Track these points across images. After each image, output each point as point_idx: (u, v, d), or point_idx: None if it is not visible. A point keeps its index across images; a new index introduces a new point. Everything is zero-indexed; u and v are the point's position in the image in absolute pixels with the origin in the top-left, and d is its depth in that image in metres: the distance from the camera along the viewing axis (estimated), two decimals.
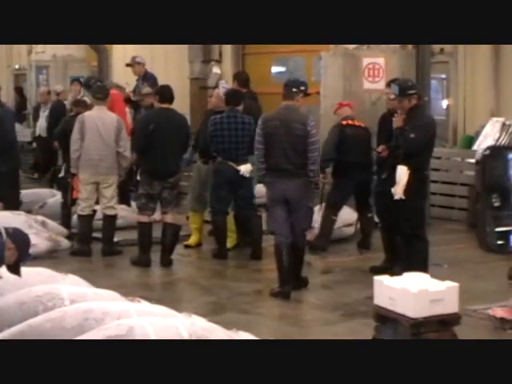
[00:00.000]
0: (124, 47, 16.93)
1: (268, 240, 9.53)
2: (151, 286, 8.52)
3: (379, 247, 8.89)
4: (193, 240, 9.95)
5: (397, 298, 5.33)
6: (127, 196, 10.90)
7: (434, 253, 8.34)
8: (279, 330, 6.87)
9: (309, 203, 8.01)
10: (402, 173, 7.79)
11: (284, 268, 7.88)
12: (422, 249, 7.99)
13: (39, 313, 5.14)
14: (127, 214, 10.31)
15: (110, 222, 9.64)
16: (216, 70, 16.21)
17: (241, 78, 10.44)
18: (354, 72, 10.93)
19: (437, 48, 12.89)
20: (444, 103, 13.93)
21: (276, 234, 7.94)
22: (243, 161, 9.31)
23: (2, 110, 10.89)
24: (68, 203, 10.14)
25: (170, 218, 9.22)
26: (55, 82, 18.64)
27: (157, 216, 9.45)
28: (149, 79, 11.65)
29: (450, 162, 11.82)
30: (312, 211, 8.17)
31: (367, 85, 11.01)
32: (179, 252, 9.57)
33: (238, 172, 9.23)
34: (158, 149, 8.96)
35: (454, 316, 5.36)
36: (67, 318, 4.93)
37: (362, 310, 7.07)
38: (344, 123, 9.58)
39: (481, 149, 7.85)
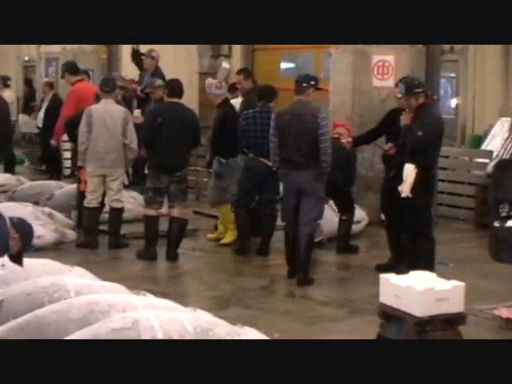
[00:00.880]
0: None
1: (276, 236, 9.57)
2: (157, 280, 8.53)
3: (385, 245, 8.88)
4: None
5: (402, 296, 5.32)
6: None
7: (441, 251, 8.34)
8: (284, 326, 6.86)
9: (319, 194, 8.20)
10: (409, 171, 7.79)
11: (288, 251, 8.40)
12: (429, 247, 7.98)
13: (45, 304, 5.15)
14: (134, 207, 10.31)
15: (117, 215, 9.64)
16: (225, 65, 16.18)
17: (251, 74, 10.49)
18: (364, 69, 10.91)
19: (447, 46, 12.87)
20: (453, 102, 13.91)
21: (285, 223, 8.38)
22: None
23: None
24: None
25: (177, 212, 9.23)
26: None
27: (164, 210, 9.46)
28: (157, 76, 11.65)
29: (458, 161, 11.80)
30: (322, 202, 8.33)
31: (376, 82, 11.00)
32: (185, 246, 9.57)
33: (269, 167, 9.14)
34: (166, 143, 8.95)
35: (460, 315, 5.36)
36: (72, 310, 4.93)
37: (368, 308, 7.06)
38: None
39: (492, 163, 7.92)
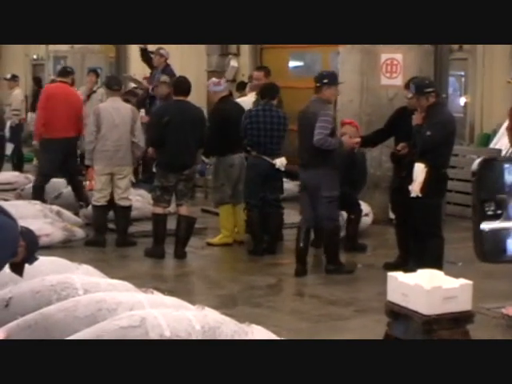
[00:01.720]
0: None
1: (283, 234, 9.59)
2: (164, 278, 8.54)
3: (393, 244, 8.87)
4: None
5: (410, 295, 5.31)
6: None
7: (449, 250, 8.33)
8: (291, 325, 6.87)
9: (326, 193, 8.26)
10: (419, 170, 7.79)
11: (298, 248, 8.52)
12: (437, 246, 7.98)
13: (53, 302, 5.15)
14: (142, 206, 10.32)
15: (125, 213, 9.66)
16: (234, 64, 16.19)
17: (267, 70, 10.53)
18: (372, 67, 10.91)
19: (455, 45, 12.84)
20: (462, 100, 13.89)
21: (301, 216, 8.63)
22: (278, 154, 9.31)
23: None
24: None
25: (185, 211, 9.24)
26: None
27: (172, 208, 9.47)
28: (167, 73, 11.67)
29: (467, 160, 11.76)
30: (332, 201, 8.35)
31: (384, 80, 10.98)
32: (193, 244, 9.58)
33: (273, 166, 9.20)
34: (174, 141, 8.95)
35: (467, 314, 5.34)
36: (80, 308, 4.94)
37: (375, 306, 7.05)
38: None
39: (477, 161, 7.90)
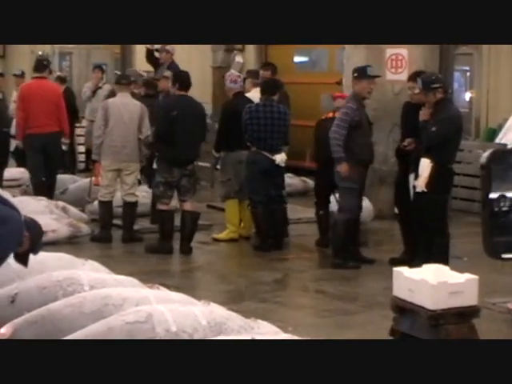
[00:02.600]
0: None
1: (289, 230, 9.59)
2: (170, 273, 8.55)
3: (399, 239, 8.87)
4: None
5: (416, 290, 5.31)
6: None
7: (455, 245, 8.32)
8: (298, 320, 6.87)
9: (344, 183, 8.48)
10: (425, 165, 7.80)
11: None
12: (443, 242, 7.98)
13: (59, 298, 5.17)
14: (148, 202, 10.32)
15: (131, 209, 9.66)
16: (239, 59, 16.18)
17: (273, 68, 10.50)
18: (377, 62, 10.86)
19: None
20: (467, 95, 13.87)
21: None
22: (278, 150, 9.29)
23: None
24: None
25: (189, 206, 9.25)
26: (78, 69, 18.76)
27: (175, 204, 9.48)
28: (173, 69, 11.64)
29: (472, 155, 11.74)
30: (351, 192, 8.48)
31: (390, 76, 10.97)
32: (199, 240, 9.59)
33: (273, 162, 9.21)
34: (180, 136, 8.95)
35: (473, 309, 5.34)
36: (86, 304, 4.95)
37: (381, 301, 7.05)
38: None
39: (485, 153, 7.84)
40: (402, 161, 8.60)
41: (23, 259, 4.53)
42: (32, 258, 5.40)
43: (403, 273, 5.47)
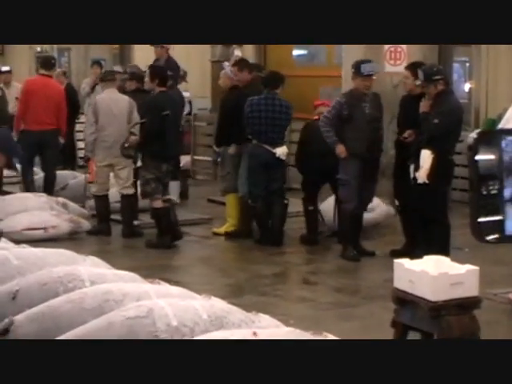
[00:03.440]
0: None
1: (289, 223, 9.58)
2: (171, 268, 8.54)
3: (399, 231, 8.87)
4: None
5: (416, 281, 5.30)
6: None
7: (455, 236, 8.31)
8: (299, 313, 6.87)
9: (339, 175, 8.65)
10: (426, 157, 7.81)
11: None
12: (444, 233, 7.99)
13: (59, 294, 5.15)
14: None
15: (129, 203, 9.63)
16: (238, 53, 16.13)
17: (248, 65, 10.22)
18: (376, 55, 10.87)
19: None
20: (466, 86, 13.84)
21: None
22: (279, 144, 9.29)
23: None
24: None
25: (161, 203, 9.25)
26: (77, 65, 18.73)
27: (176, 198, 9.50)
28: (171, 64, 11.61)
29: None
30: (344, 184, 8.57)
31: (388, 68, 10.97)
32: (199, 234, 9.62)
33: (273, 155, 9.18)
34: (170, 132, 9.04)
35: (474, 299, 5.33)
36: (87, 299, 4.95)
37: (382, 293, 7.06)
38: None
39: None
40: (401, 152, 8.58)
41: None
42: (32, 254, 5.43)
43: (404, 264, 5.46)
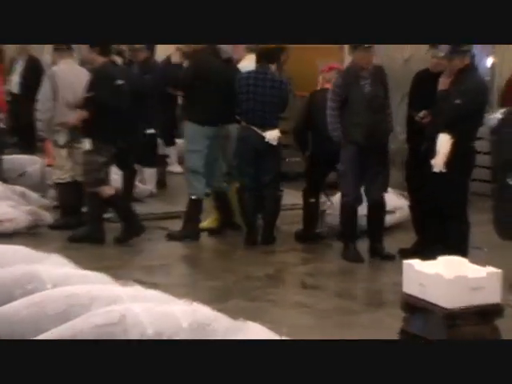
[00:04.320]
0: None
1: (282, 217, 9.58)
2: (148, 268, 8.49)
3: (410, 227, 8.89)
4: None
5: (429, 285, 5.32)
6: None
7: (474, 234, 8.31)
8: (293, 320, 6.87)
9: (339, 166, 8.75)
10: (444, 141, 7.77)
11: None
12: (462, 230, 8.01)
13: (16, 297, 5.14)
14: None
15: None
16: None
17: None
18: None
19: None
20: (488, 61, 13.84)
21: None
22: (271, 126, 9.21)
23: None
24: None
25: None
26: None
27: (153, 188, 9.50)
28: None
29: None
30: (341, 175, 8.76)
31: None
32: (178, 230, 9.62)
33: (263, 139, 9.11)
34: (127, 106, 9.13)
35: (496, 307, 5.35)
36: (49, 304, 4.95)
37: (390, 299, 7.08)
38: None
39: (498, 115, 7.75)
40: (414, 137, 8.58)
41: None
42: None
43: (414, 266, 5.48)
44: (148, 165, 10.76)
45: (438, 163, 7.80)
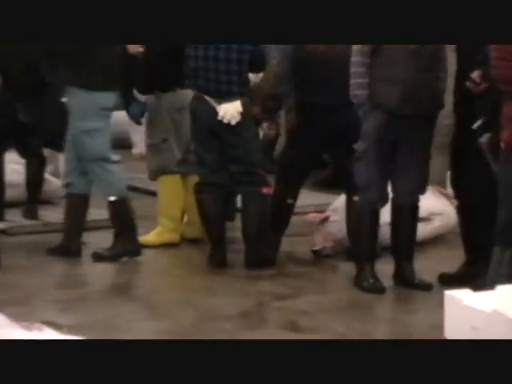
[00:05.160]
0: None
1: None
2: (63, 304, 8.50)
3: (455, 242, 8.95)
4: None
5: (484, 328, 5.32)
6: None
7: None
8: None
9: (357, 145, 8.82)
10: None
11: None
12: None
13: None
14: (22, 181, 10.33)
15: None
16: None
17: None
18: None
19: None
20: None
21: None
22: (230, 97, 9.28)
23: None
24: None
25: None
26: None
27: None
28: None
29: None
30: (359, 157, 8.80)
31: None
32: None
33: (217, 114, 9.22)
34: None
35: None
36: None
37: None
38: None
39: None
40: (464, 109, 8.57)
41: None
42: None
43: (462, 299, 5.49)
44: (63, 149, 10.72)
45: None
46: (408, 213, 8.78)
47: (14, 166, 10.23)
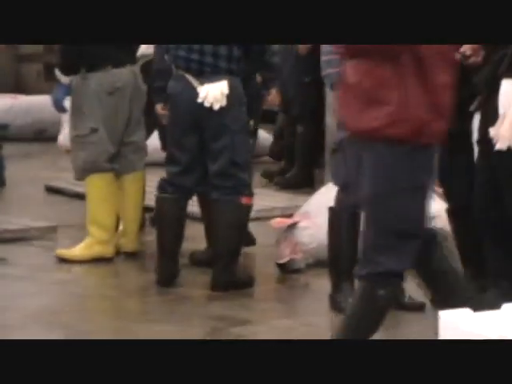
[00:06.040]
0: None
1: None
2: None
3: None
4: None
5: None
6: None
7: None
8: None
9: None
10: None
11: None
12: None
13: None
14: None
15: None
16: None
17: None
18: None
19: None
20: None
21: None
22: (214, 76, 9.35)
23: None
24: None
25: None
26: None
27: None
28: None
29: None
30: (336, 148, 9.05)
31: None
32: (26, 262, 9.91)
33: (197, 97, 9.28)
34: None
35: None
36: None
37: None
38: None
39: None
40: (457, 87, 8.63)
41: None
42: None
43: (459, 322, 5.50)
44: None
45: (503, 135, 7.94)
46: None
47: None
